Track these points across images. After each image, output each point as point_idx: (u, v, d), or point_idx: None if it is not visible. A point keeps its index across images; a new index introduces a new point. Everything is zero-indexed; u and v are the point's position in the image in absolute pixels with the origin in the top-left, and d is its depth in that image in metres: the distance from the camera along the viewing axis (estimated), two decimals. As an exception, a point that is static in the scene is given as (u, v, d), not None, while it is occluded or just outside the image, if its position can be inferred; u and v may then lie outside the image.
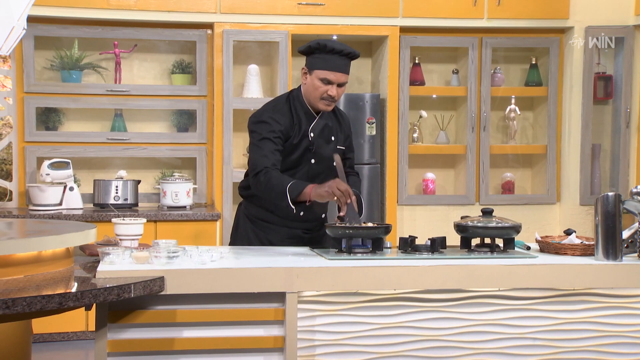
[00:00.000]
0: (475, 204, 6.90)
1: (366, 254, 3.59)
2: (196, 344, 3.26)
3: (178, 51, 6.79)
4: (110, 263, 3.24)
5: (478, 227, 3.65)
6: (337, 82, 3.92)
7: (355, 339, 3.36)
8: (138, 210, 6.30)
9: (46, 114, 6.55)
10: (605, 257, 3.46)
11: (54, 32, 6.44)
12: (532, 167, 7.29)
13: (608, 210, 3.45)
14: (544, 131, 7.07)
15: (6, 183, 6.58)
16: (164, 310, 3.23)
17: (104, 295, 2.91)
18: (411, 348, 3.39)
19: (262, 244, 4.04)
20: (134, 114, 6.72)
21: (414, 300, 3.39)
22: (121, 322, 3.19)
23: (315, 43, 3.90)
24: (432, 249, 3.61)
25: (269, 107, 4.04)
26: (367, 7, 6.55)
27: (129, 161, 6.73)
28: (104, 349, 3.16)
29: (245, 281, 3.23)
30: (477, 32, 6.84)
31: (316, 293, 3.32)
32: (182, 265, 3.26)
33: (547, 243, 3.73)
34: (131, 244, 3.61)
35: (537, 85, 7.06)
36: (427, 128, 7.16)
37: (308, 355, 3.32)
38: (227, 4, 6.38)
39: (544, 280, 3.40)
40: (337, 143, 4.12)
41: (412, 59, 6.87)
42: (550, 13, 6.77)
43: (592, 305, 3.47)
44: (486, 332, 3.43)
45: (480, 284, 3.38)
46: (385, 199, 6.69)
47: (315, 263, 3.37)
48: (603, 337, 3.47)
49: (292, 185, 3.72)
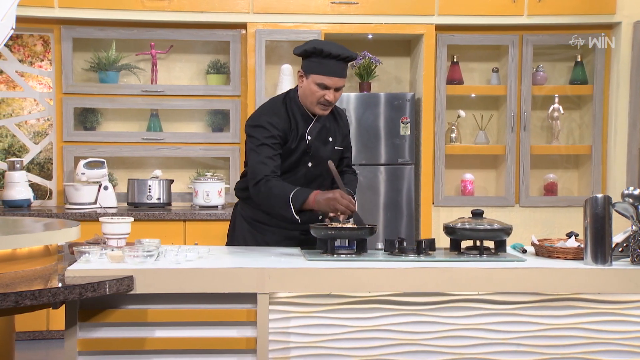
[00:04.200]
0: (515, 205, 6.74)
1: (349, 255, 3.52)
2: (169, 344, 3.25)
3: (213, 51, 6.82)
4: (85, 262, 3.27)
5: (466, 229, 3.55)
6: (334, 87, 3.83)
7: (330, 341, 3.31)
8: (171, 209, 6.34)
9: (84, 114, 6.67)
10: (594, 261, 3.31)
11: (91, 34, 6.54)
12: (579, 168, 7.08)
13: (597, 213, 3.31)
14: (590, 131, 6.85)
15: (46, 182, 6.73)
16: (135, 309, 3.23)
17: (65, 294, 2.92)
18: (388, 352, 3.32)
19: (259, 245, 4.00)
20: (170, 114, 6.79)
21: (392, 303, 3.32)
22: (92, 321, 3.21)
23: (312, 47, 3.80)
24: (418, 251, 3.53)
25: (266, 110, 3.96)
26: (402, 5, 6.46)
27: (164, 161, 6.79)
28: (74, 347, 3.18)
29: (216, 281, 3.20)
30: (517, 29, 6.68)
31: (291, 294, 3.27)
32: (157, 264, 3.26)
33: (541, 246, 3.60)
34: (118, 242, 3.63)
35: (582, 83, 6.84)
36: (467, 128, 7.02)
37: (282, 357, 3.28)
38: (260, 3, 6.39)
39: (527, 284, 3.28)
40: (334, 144, 4.06)
41: (450, 58, 6.75)
42: (595, 8, 6.55)
43: (579, 311, 3.33)
44: (467, 337, 3.33)
45: (458, 287, 3.29)
46: (420, 199, 6.59)
47: (291, 264, 3.33)
48: (590, 344, 3.33)
49: (295, 195, 3.67)
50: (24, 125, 6.97)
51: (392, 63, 7.02)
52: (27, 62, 6.91)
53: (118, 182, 6.75)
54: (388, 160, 6.53)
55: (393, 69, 7.03)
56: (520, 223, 6.69)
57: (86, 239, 3.80)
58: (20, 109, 7.01)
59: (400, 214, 6.54)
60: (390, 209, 6.54)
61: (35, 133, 6.97)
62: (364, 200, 6.49)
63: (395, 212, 6.52)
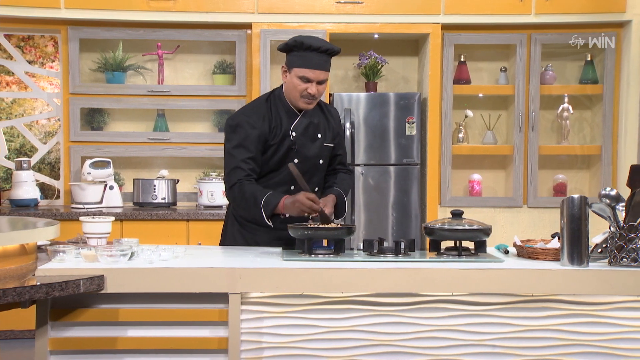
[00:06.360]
0: (522, 206, 6.67)
1: (327, 255, 3.50)
2: (141, 343, 3.25)
3: (220, 52, 6.83)
4: (60, 261, 3.28)
5: (445, 229, 3.52)
6: (316, 80, 3.83)
7: (303, 342, 3.29)
8: (176, 209, 6.36)
9: (91, 115, 6.71)
10: (570, 262, 3.26)
11: (98, 34, 6.58)
12: (590, 169, 6.98)
13: (573, 214, 3.26)
14: (600, 131, 6.76)
15: (54, 181, 6.78)
16: (107, 308, 3.23)
17: (30, 293, 2.92)
18: (362, 353, 3.29)
19: (249, 245, 4.00)
20: (176, 114, 6.81)
21: (366, 303, 3.29)
22: (63, 320, 3.22)
23: (292, 40, 3.82)
24: (396, 252, 3.50)
25: (246, 110, 3.98)
26: (407, 5, 6.42)
27: (171, 161, 6.82)
28: (45, 346, 3.20)
29: (187, 281, 3.20)
30: (525, 28, 6.61)
31: (264, 294, 3.26)
32: (129, 264, 3.26)
33: (521, 247, 3.55)
34: (98, 242, 3.63)
35: (592, 83, 6.75)
36: (475, 128, 6.96)
37: (255, 357, 3.27)
38: (264, 3, 6.38)
39: (502, 285, 3.24)
40: (324, 140, 4.04)
41: (457, 57, 6.70)
42: (604, 6, 6.45)
43: (555, 312, 3.27)
44: (442, 338, 3.30)
45: (432, 287, 3.25)
46: (426, 200, 6.55)
47: (265, 264, 3.31)
48: (566, 346, 3.27)
49: (266, 200, 3.71)
50: (35, 125, 7.03)
51: (400, 63, 6.98)
52: (38, 63, 6.98)
53: (125, 181, 6.78)
54: (395, 160, 6.49)
55: (401, 68, 6.99)
56: (529, 224, 6.62)
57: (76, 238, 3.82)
58: (32, 109, 7.08)
59: (408, 214, 6.50)
60: (398, 209, 6.50)
61: (46, 133, 7.03)
62: (372, 201, 6.47)
63: (403, 213, 6.48)
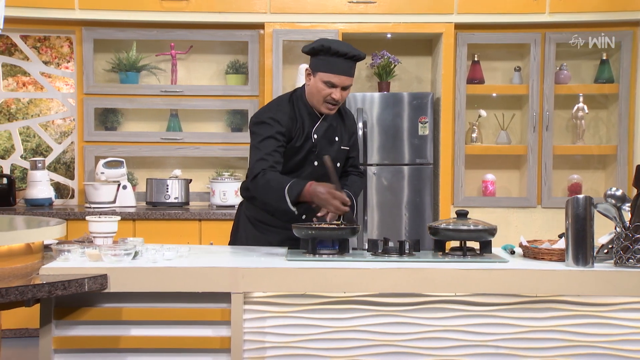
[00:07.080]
0: (537, 206, 6.64)
1: (331, 255, 3.49)
2: (144, 342, 3.26)
3: (232, 52, 6.84)
4: (64, 260, 3.29)
5: (449, 229, 3.50)
6: (341, 86, 3.80)
7: (306, 342, 3.28)
8: (189, 208, 6.38)
9: (105, 115, 6.74)
10: (575, 262, 3.23)
11: (111, 35, 6.61)
12: (605, 169, 6.93)
13: (578, 214, 3.23)
14: (616, 131, 6.71)
15: (68, 181, 6.82)
16: (111, 307, 3.24)
17: (33, 292, 2.94)
18: (365, 353, 3.28)
19: (260, 245, 3.98)
20: (190, 114, 6.83)
21: (369, 303, 3.28)
22: (67, 319, 3.23)
23: (320, 45, 3.76)
24: (400, 252, 3.49)
25: (271, 107, 3.94)
26: (420, 4, 6.41)
27: (184, 160, 6.84)
28: (49, 345, 3.21)
29: (190, 281, 3.20)
30: (539, 27, 6.57)
31: (266, 294, 3.26)
32: (133, 263, 3.27)
33: (527, 248, 3.53)
34: (104, 241, 3.64)
35: (608, 82, 6.70)
36: (489, 128, 6.93)
37: (258, 357, 3.27)
38: (277, 3, 6.39)
39: (506, 285, 3.21)
40: (340, 143, 4.02)
41: (470, 57, 6.67)
42: (620, 5, 6.42)
43: (559, 313, 3.25)
44: (445, 338, 3.28)
45: (434, 288, 3.23)
46: (439, 200, 6.52)
47: (268, 264, 3.31)
48: (571, 347, 3.24)
49: (291, 186, 3.64)
50: (51, 125, 7.08)
51: (413, 62, 6.96)
52: (53, 64, 7.02)
53: (138, 181, 6.81)
54: (408, 160, 6.47)
55: (414, 68, 6.97)
56: (543, 224, 6.59)
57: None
58: (48, 109, 7.13)
59: (421, 214, 6.47)
60: (411, 209, 6.48)
61: (62, 133, 7.08)
62: (385, 201, 6.45)
63: (416, 213, 6.46)
